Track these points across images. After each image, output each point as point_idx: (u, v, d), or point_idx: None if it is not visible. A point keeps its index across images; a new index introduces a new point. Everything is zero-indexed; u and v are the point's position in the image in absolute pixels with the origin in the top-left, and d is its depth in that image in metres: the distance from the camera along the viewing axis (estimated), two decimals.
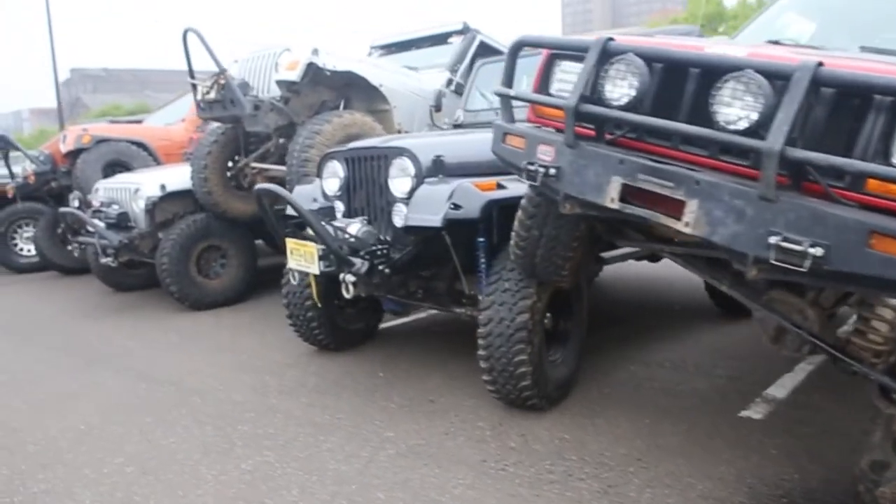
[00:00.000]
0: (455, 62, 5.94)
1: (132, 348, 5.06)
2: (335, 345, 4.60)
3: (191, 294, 5.97)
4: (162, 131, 8.02)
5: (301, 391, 4.01)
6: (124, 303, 6.64)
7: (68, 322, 6.00)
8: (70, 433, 3.58)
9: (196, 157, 5.82)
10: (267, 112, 5.09)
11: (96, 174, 7.17)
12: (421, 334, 5.06)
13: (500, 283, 3.40)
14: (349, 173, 4.03)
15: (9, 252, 8.60)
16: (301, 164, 4.77)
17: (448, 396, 3.82)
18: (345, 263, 3.58)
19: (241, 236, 6.27)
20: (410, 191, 3.62)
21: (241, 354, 4.76)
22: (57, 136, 8.07)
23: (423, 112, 5.67)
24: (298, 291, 4.42)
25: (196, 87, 5.37)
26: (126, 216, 6.08)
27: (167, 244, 5.86)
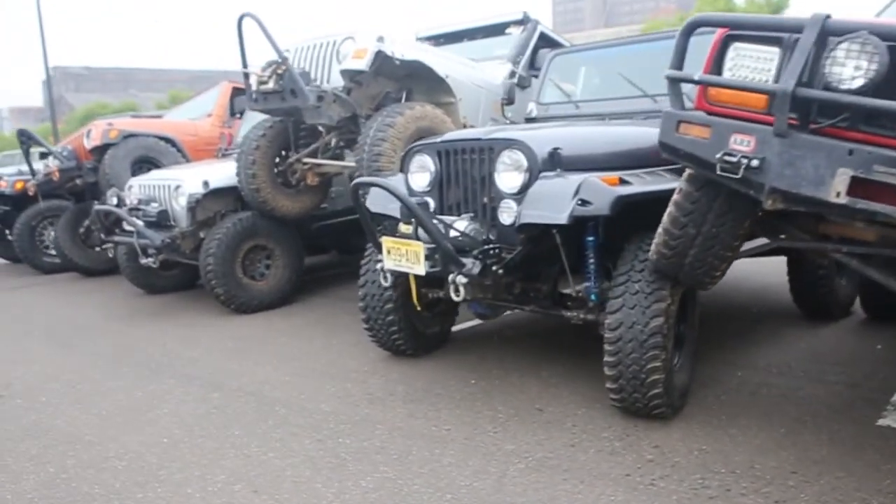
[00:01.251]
0: (517, 53, 5.70)
1: (189, 355, 4.75)
2: (413, 350, 4.35)
3: (237, 297, 5.67)
4: (189, 126, 7.68)
5: (392, 400, 3.74)
6: (161, 306, 6.31)
7: (109, 326, 5.67)
8: (155, 448, 3.29)
9: (243, 152, 5.51)
10: (330, 103, 4.81)
11: (125, 170, 6.83)
12: (496, 337, 4.82)
13: (630, 285, 3.18)
14: (441, 167, 3.78)
15: (37, 252, 8.20)
16: (373, 158, 4.50)
17: (555, 405, 3.58)
18: (455, 264, 3.32)
19: (287, 236, 5.98)
20: (523, 186, 3.39)
21: (310, 361, 4.48)
22: (79, 130, 7.68)
23: (486, 105, 5.43)
24: (378, 294, 4.16)
25: (248, 76, 5.06)
26: (166, 214, 5.76)
27: (212, 244, 5.55)
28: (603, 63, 4.87)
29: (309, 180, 5.63)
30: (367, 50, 4.63)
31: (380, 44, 4.66)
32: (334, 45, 4.92)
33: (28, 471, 3.13)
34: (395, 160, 4.58)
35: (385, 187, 3.32)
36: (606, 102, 4.59)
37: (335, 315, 5.61)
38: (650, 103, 4.35)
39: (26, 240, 8.13)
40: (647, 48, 4.71)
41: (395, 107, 4.69)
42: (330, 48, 4.93)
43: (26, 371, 4.58)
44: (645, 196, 3.22)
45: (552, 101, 4.89)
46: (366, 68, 4.63)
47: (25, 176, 8.03)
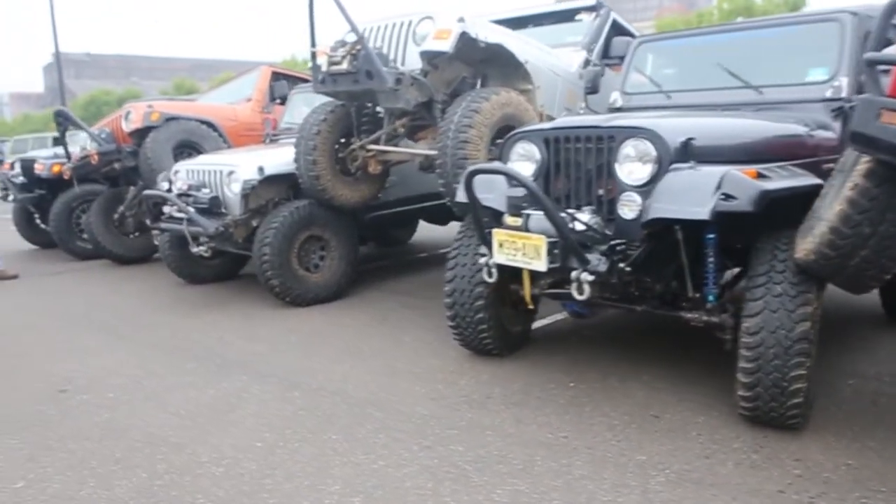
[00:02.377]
0: (592, 41, 5.45)
1: (253, 349, 4.49)
2: (499, 350, 4.10)
3: (292, 289, 5.40)
4: (230, 111, 7.38)
5: (492, 403, 3.50)
6: (206, 296, 6.03)
7: (158, 317, 5.39)
8: (250, 452, 3.04)
9: (303, 138, 5.24)
10: (408, 87, 4.54)
11: (167, 154, 6.54)
12: (575, 337, 4.58)
13: (771, 287, 2.95)
14: (549, 156, 3.53)
15: (73, 237, 7.89)
16: (458, 145, 4.25)
17: (670, 412, 3.35)
18: (580, 260, 3.08)
19: (344, 227, 5.71)
20: (651, 178, 3.14)
21: (388, 359, 4.23)
22: (114, 113, 7.36)
23: (562, 94, 5.18)
24: (468, 290, 3.92)
25: (316, 56, 4.79)
26: (218, 201, 5.48)
27: (268, 233, 5.28)
28: (695, 52, 4.62)
29: (371, 168, 5.37)
30: (450, 31, 4.36)
31: (464, 25, 4.40)
32: (410, 25, 4.66)
33: (117, 475, 2.89)
34: (480, 148, 4.33)
35: (511, 174, 3.08)
36: (702, 93, 4.35)
37: (396, 310, 5.36)
38: (754, 95, 4.12)
39: (63, 225, 7.82)
40: (745, 37, 4.47)
41: (479, 92, 4.44)
42: (405, 28, 4.66)
43: (83, 364, 4.31)
44: (787, 192, 2.99)
45: (639, 91, 4.64)
46: (449, 50, 4.37)
47: (62, 159, 7.72)
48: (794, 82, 4.04)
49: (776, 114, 3.87)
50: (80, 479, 2.88)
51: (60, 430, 3.36)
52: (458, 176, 4.25)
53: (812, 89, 3.93)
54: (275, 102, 7.62)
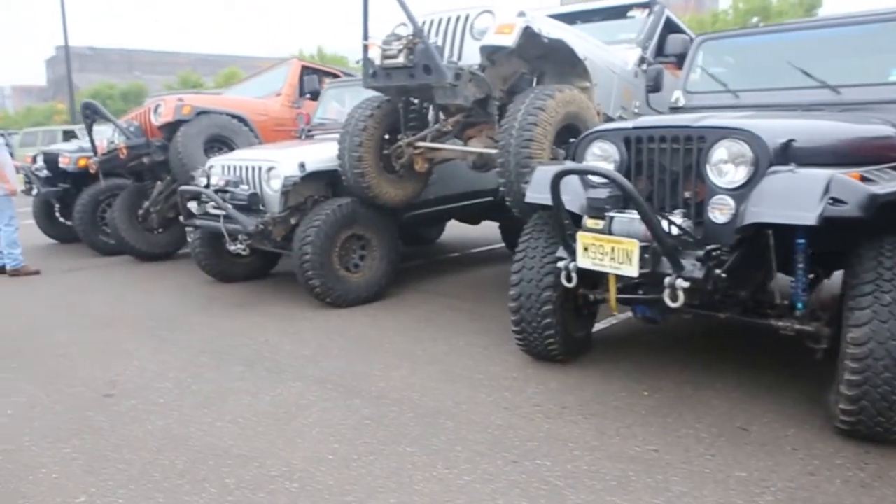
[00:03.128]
0: (647, 38, 5.28)
1: (301, 352, 4.31)
2: (564, 356, 3.93)
3: (334, 289, 5.22)
4: (260, 105, 7.19)
5: (569, 414, 3.33)
6: (240, 295, 5.84)
7: (194, 317, 5.20)
8: (323, 465, 2.86)
9: (348, 134, 5.06)
10: (466, 83, 4.37)
11: (198, 149, 6.35)
12: (636, 342, 4.41)
13: (879, 296, 2.78)
14: (629, 156, 3.37)
15: (97, 232, 7.69)
16: (523, 144, 4.07)
17: (757, 424, 3.19)
18: (675, 265, 2.91)
19: (386, 226, 5.54)
20: (747, 181, 2.98)
21: (446, 364, 4.06)
22: (142, 106, 7.15)
23: (618, 91, 5.00)
24: (536, 294, 3.74)
25: (367, 48, 4.61)
26: (257, 198, 5.30)
27: (310, 231, 5.10)
28: (763, 50, 4.46)
29: (417, 166, 5.19)
30: (514, 25, 4.19)
31: (527, 19, 4.23)
32: (467, 19, 4.48)
33: (184, 490, 2.71)
34: (545, 147, 4.17)
35: (609, 175, 2.91)
36: (774, 93, 4.18)
37: (441, 313, 5.18)
38: (830, 95, 3.95)
39: (88, 219, 7.62)
40: (819, 35, 4.30)
41: (543, 89, 4.26)
42: (462, 22, 4.49)
43: (126, 367, 4.13)
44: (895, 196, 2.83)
45: (702, 90, 4.47)
46: (512, 45, 4.19)
47: (88, 153, 7.51)
48: (876, 82, 3.88)
49: (860, 114, 3.71)
50: (144, 493, 2.70)
51: (113, 438, 3.18)
52: (522, 175, 4.09)
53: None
54: (304, 97, 7.43)
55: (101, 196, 7.60)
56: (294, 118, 7.24)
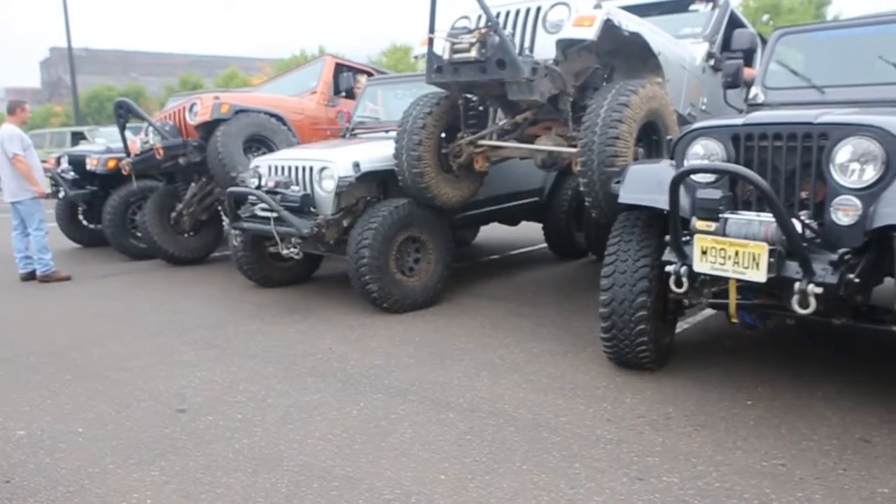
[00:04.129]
0: (713, 32, 5.10)
1: (372, 362, 4.12)
2: (653, 363, 3.77)
3: (391, 294, 5.03)
4: (296, 104, 6.96)
5: (676, 425, 3.16)
6: (288, 301, 5.64)
7: (246, 324, 4.99)
8: (437, 487, 2.68)
9: (406, 132, 4.87)
10: (542, 78, 4.18)
11: (237, 149, 6.14)
12: (719, 347, 4.25)
13: None
14: (737, 154, 3.20)
15: (127, 236, 7.47)
16: (608, 142, 3.89)
17: (878, 434, 3.04)
18: (806, 270, 2.74)
19: (441, 227, 5.35)
20: (877, 180, 2.81)
21: (528, 373, 3.88)
22: (176, 104, 6.92)
23: (688, 87, 4.83)
24: (629, 300, 3.56)
25: (433, 42, 4.41)
26: (310, 199, 5.10)
27: (367, 234, 4.90)
28: (848, 45, 4.29)
29: (478, 165, 5.01)
30: (594, 17, 4.00)
31: (607, 12, 4.05)
32: (538, 11, 4.30)
33: None
34: (630, 145, 3.99)
35: (742, 174, 2.74)
36: (864, 88, 4.01)
37: (503, 318, 5.00)
38: None
39: (118, 222, 7.39)
40: None
41: (626, 84, 4.08)
42: (534, 15, 4.30)
43: (190, 379, 3.93)
44: None
45: (783, 85, 4.30)
46: (594, 38, 4.01)
47: (117, 154, 7.28)
48: None
49: None
50: None
51: (200, 458, 2.98)
52: (607, 175, 3.91)
53: None
54: (340, 95, 7.23)
55: (132, 198, 7.37)
56: (333, 117, 7.04)
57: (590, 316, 5.01)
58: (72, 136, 16.91)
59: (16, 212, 6.67)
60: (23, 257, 6.75)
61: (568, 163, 4.58)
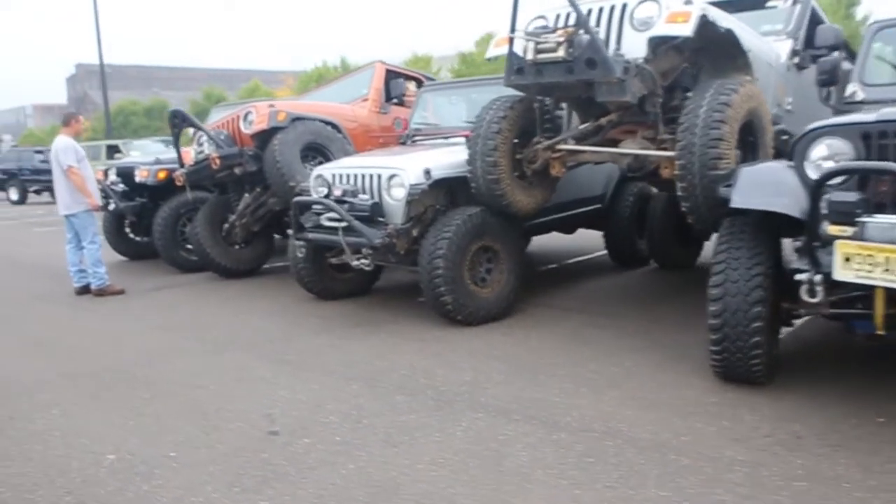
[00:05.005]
0: (796, 29, 4.89)
1: (461, 378, 3.93)
2: (766, 377, 3.55)
3: (466, 306, 4.84)
4: (349, 111, 6.82)
5: (809, 445, 2.96)
6: (352, 313, 5.47)
7: (314, 338, 4.83)
8: None
9: (481, 137, 4.69)
10: (633, 78, 3.99)
11: (295, 158, 5.99)
12: (823, 358, 4.03)
13: None
14: (868, 155, 2.98)
15: (178, 248, 7.35)
16: (710, 143, 3.69)
17: None
18: None
19: (514, 236, 5.18)
20: None
21: (629, 389, 3.69)
22: (227, 114, 6.77)
23: (775, 86, 4.61)
24: (743, 311, 3.35)
25: (513, 42, 4.24)
26: (379, 208, 4.93)
27: (441, 244, 4.72)
28: None
29: (554, 171, 4.82)
30: (690, 13, 3.81)
31: (703, 7, 3.86)
32: (624, 7, 4.11)
33: None
34: (732, 146, 3.78)
35: None
36: None
37: (582, 330, 4.81)
38: None
39: (168, 235, 7.27)
40: None
41: (724, 83, 3.88)
42: (620, 11, 4.11)
43: (273, 398, 3.75)
44: None
45: (886, 82, 4.08)
46: (691, 34, 3.82)
47: (168, 165, 7.17)
48: None
49: None
50: None
51: (307, 485, 2.80)
52: (710, 178, 3.71)
53: None
54: (391, 102, 7.08)
55: (182, 210, 7.25)
56: (386, 124, 6.89)
57: (669, 326, 4.82)
58: (107, 149, 16.95)
59: (70, 225, 6.56)
60: (77, 271, 6.64)
61: (655, 166, 4.37)
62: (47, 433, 3.42)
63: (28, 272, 8.26)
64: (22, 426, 3.52)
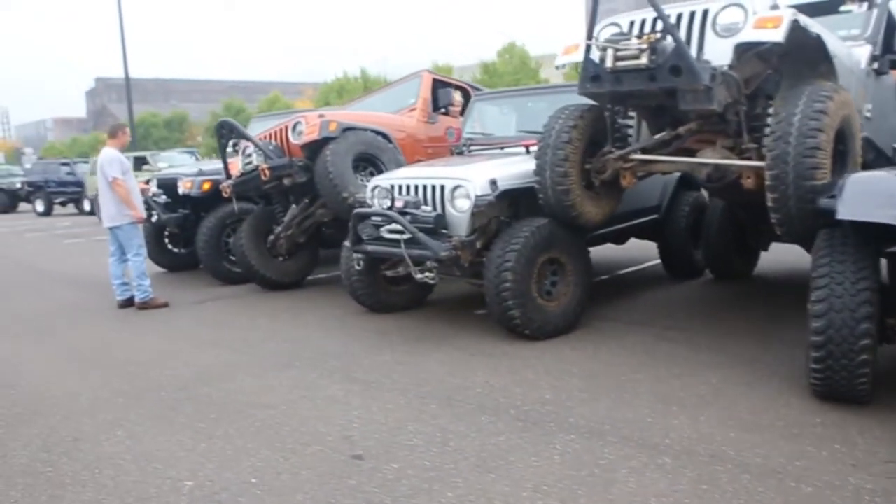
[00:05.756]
0: (875, 34, 4.72)
1: (541, 397, 3.77)
2: (869, 396, 3.35)
3: (534, 320, 4.69)
4: (397, 121, 6.70)
5: None
6: (412, 328, 5.31)
7: (380, 354, 4.67)
8: None
9: (550, 147, 4.54)
10: (718, 85, 3.83)
11: (348, 169, 5.86)
12: None
13: None
14: None
15: (222, 260, 7.24)
16: (805, 153, 3.52)
17: None
18: None
19: (580, 248, 5.02)
20: None
21: (721, 408, 3.52)
22: (276, 124, 6.65)
23: (856, 93, 4.43)
24: (850, 327, 3.18)
25: (590, 48, 4.09)
26: (443, 220, 4.79)
27: (510, 256, 4.57)
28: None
29: (625, 181, 4.67)
30: (781, 19, 3.65)
31: (794, 12, 3.70)
32: (706, 13, 3.96)
33: None
34: (829, 156, 3.61)
35: None
36: None
37: (654, 344, 4.65)
38: None
39: (213, 246, 7.17)
40: None
41: (817, 89, 3.71)
42: (701, 17, 3.96)
43: (348, 418, 3.60)
44: None
45: None
46: (782, 40, 3.66)
47: (211, 176, 7.07)
48: None
49: None
50: None
51: None
52: (806, 189, 3.54)
53: None
54: (439, 112, 6.95)
55: (227, 221, 7.14)
56: (435, 135, 6.76)
57: (744, 340, 4.64)
58: (135, 161, 16.97)
59: (114, 237, 6.47)
60: (120, 283, 6.54)
61: (737, 176, 4.20)
62: (118, 457, 3.28)
63: (66, 285, 8.17)
64: (89, 448, 3.39)
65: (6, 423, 3.79)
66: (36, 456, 3.33)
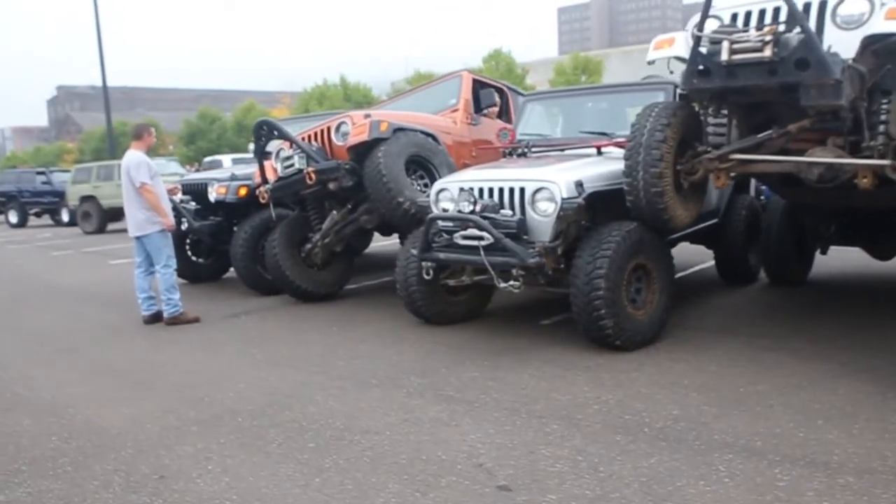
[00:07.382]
0: None
1: (665, 412, 3.50)
2: None
3: (625, 329, 4.42)
4: (442, 122, 6.37)
5: None
6: (483, 339, 5.00)
7: (465, 371, 4.33)
8: None
9: (643, 147, 4.29)
10: (847, 80, 3.62)
11: (400, 171, 5.51)
12: None
13: None
14: None
15: (257, 269, 6.79)
16: None
17: None
18: None
19: (665, 253, 4.77)
20: None
21: (869, 421, 3.30)
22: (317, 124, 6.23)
23: None
24: None
25: (700, 39, 3.86)
26: (525, 224, 4.50)
27: (601, 262, 4.29)
28: None
29: (719, 183, 4.45)
30: None
31: None
32: (824, 3, 3.76)
33: None
34: None
35: None
36: None
37: (752, 352, 4.45)
38: None
39: (249, 255, 6.73)
40: None
41: None
42: (817, 7, 3.77)
43: (470, 444, 3.27)
44: None
45: None
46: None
47: (246, 181, 6.64)
48: None
49: None
50: None
51: None
52: None
53: None
54: (482, 113, 6.66)
55: (261, 231, 6.70)
56: (479, 136, 6.46)
57: (844, 346, 4.43)
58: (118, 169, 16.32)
59: (141, 247, 6.00)
60: (146, 297, 6.06)
61: (851, 177, 4.00)
62: (221, 496, 2.88)
63: (78, 300, 7.60)
64: (184, 487, 2.98)
65: (70, 459, 3.34)
66: (125, 499, 2.91)
